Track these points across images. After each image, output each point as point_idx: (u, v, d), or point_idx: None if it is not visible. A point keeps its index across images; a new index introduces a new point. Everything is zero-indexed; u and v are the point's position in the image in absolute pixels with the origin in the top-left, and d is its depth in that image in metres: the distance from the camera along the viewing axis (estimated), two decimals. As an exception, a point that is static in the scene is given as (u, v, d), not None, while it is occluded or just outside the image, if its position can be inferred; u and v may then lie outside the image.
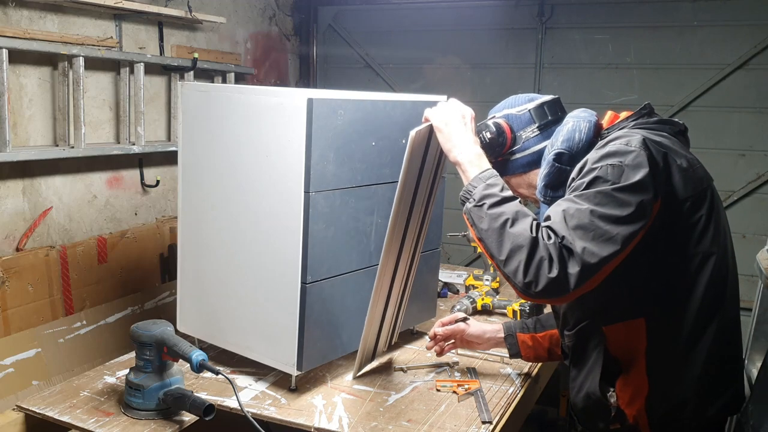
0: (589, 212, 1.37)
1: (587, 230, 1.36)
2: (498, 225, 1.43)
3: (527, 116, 1.69)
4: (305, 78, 4.49)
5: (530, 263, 1.36)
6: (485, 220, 1.45)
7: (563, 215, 1.39)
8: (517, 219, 1.42)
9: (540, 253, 1.36)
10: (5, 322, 2.54)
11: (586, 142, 1.57)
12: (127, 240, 3.06)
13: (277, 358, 1.99)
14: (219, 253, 2.11)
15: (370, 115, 2.01)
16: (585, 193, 1.40)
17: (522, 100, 1.73)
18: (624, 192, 1.38)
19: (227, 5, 3.72)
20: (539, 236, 1.37)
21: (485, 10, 3.97)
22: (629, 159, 1.40)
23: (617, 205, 1.37)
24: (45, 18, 2.70)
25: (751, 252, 3.03)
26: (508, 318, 2.69)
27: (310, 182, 1.86)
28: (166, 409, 1.83)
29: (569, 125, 1.59)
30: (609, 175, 1.40)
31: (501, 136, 1.68)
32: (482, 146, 1.63)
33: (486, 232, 1.45)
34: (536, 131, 1.68)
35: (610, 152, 1.43)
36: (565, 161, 1.56)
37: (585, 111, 1.64)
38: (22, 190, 2.68)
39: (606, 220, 1.37)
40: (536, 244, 1.37)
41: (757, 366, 2.58)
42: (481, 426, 1.82)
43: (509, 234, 1.40)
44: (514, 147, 1.69)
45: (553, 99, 1.72)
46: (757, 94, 3.44)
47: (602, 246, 1.36)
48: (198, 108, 2.12)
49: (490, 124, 1.69)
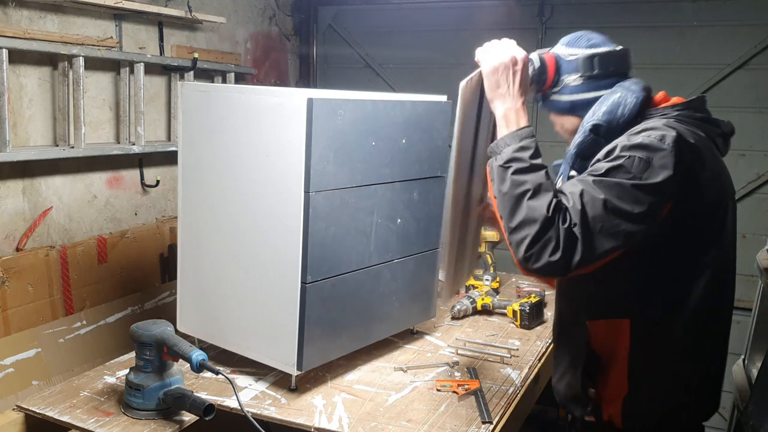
0: (603, 202, 1.38)
1: (597, 222, 1.37)
2: (518, 193, 1.42)
3: (575, 64, 1.62)
4: (305, 78, 4.49)
5: (537, 240, 1.37)
6: (507, 183, 1.45)
7: (581, 200, 1.39)
8: (539, 192, 1.41)
9: (549, 234, 1.36)
10: (5, 322, 2.54)
11: (628, 118, 1.53)
12: (127, 240, 3.06)
13: (277, 358, 1.99)
14: (219, 253, 2.11)
15: (370, 115, 2.01)
16: (605, 180, 1.40)
17: (581, 42, 1.63)
18: (642, 190, 1.38)
19: (227, 5, 3.72)
20: (556, 217, 1.37)
21: (485, 10, 3.97)
22: (657, 157, 1.39)
23: (631, 201, 1.38)
24: (45, 18, 2.70)
25: (751, 252, 3.04)
26: (508, 317, 2.69)
27: (310, 182, 1.85)
28: (166, 409, 1.83)
29: (615, 97, 1.55)
30: (633, 168, 1.39)
31: (543, 74, 1.63)
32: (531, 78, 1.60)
33: (504, 195, 1.45)
34: (579, 80, 1.62)
35: (642, 144, 1.41)
36: (602, 133, 1.53)
37: (636, 84, 1.58)
38: (22, 190, 2.68)
39: (616, 214, 1.37)
40: (549, 225, 1.37)
41: (757, 366, 2.58)
42: (481, 426, 1.82)
43: (526, 205, 1.40)
44: (555, 88, 1.65)
45: (609, 52, 1.61)
46: (757, 94, 3.44)
47: (606, 239, 1.37)
48: (198, 108, 2.12)
49: (536, 58, 1.64)
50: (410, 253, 2.28)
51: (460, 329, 2.58)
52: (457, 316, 2.69)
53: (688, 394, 1.56)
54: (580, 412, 1.63)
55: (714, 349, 1.61)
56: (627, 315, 1.52)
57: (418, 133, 2.19)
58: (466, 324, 2.64)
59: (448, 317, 2.69)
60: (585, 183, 1.42)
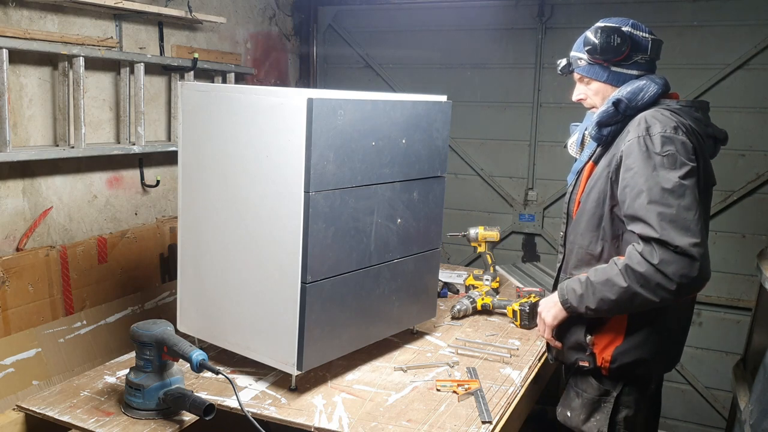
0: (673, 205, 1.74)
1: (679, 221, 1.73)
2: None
3: (645, 45, 1.89)
4: (305, 78, 4.49)
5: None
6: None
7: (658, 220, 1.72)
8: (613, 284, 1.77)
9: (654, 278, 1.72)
10: (5, 322, 2.54)
11: (646, 103, 1.83)
12: (127, 240, 3.06)
13: (277, 357, 1.99)
14: (219, 253, 2.11)
15: (370, 115, 2.01)
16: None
17: (643, 27, 1.91)
18: (687, 174, 1.75)
19: (227, 5, 3.72)
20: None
21: (485, 10, 3.97)
22: (680, 146, 1.74)
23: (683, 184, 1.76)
24: (45, 18, 2.70)
25: (751, 252, 3.04)
26: (508, 317, 2.69)
27: (310, 182, 1.86)
28: (166, 409, 1.83)
29: (641, 82, 1.85)
30: (675, 161, 1.73)
31: (623, 47, 1.85)
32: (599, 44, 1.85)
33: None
34: (643, 60, 1.89)
35: (665, 137, 1.74)
36: (621, 109, 1.82)
37: (661, 78, 1.88)
38: (22, 190, 2.68)
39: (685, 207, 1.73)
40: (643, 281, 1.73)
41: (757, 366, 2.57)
42: (481, 426, 1.82)
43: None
44: (623, 61, 1.88)
45: (661, 41, 1.91)
46: (757, 94, 3.44)
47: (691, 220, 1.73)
48: (198, 108, 2.12)
49: (626, 30, 1.86)
50: (410, 253, 2.28)
51: (460, 329, 2.58)
52: (457, 316, 2.69)
53: (666, 347, 1.91)
54: (576, 359, 1.94)
55: (688, 310, 1.99)
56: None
57: (418, 133, 2.20)
58: (466, 324, 2.64)
59: (448, 317, 2.69)
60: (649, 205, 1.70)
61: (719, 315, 3.63)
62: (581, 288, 1.81)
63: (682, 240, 1.63)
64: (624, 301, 1.73)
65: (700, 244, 1.64)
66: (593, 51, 1.87)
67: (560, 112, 3.81)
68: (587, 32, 1.91)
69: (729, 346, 3.61)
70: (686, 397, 3.76)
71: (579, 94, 1.99)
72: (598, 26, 1.90)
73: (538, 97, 3.88)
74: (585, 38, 1.91)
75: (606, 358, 1.88)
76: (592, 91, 1.95)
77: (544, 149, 3.93)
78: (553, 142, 3.88)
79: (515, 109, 3.94)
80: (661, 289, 1.66)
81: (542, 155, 3.94)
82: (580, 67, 1.96)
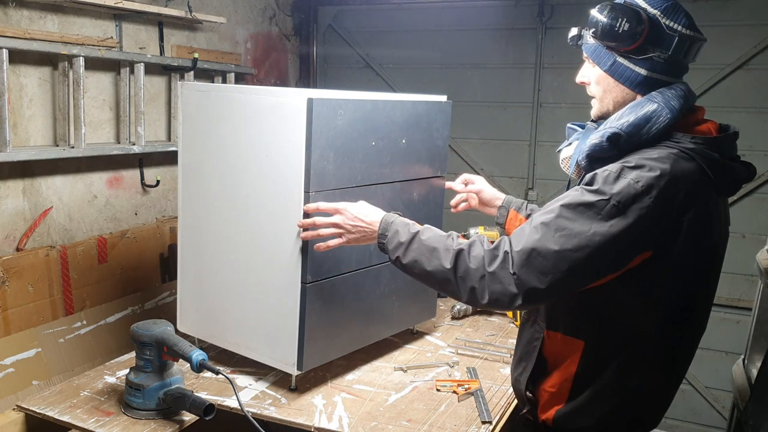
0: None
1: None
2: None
3: (669, 40, 1.40)
4: (305, 78, 4.49)
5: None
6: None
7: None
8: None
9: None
10: (5, 322, 2.54)
11: (652, 137, 1.38)
12: (127, 240, 3.06)
13: (277, 357, 1.99)
14: (219, 253, 2.11)
15: (370, 115, 2.01)
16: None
17: (680, 17, 1.42)
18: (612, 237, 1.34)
19: (227, 5, 3.72)
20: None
21: (485, 10, 3.97)
22: (635, 207, 1.31)
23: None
24: (45, 18, 2.70)
25: (751, 252, 3.03)
26: (507, 317, 2.69)
27: (310, 182, 1.86)
28: (166, 409, 1.83)
29: (650, 108, 1.38)
30: (604, 211, 1.33)
31: (636, 36, 1.39)
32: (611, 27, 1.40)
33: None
34: (661, 59, 1.41)
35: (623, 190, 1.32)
36: (620, 144, 1.39)
37: (678, 99, 1.39)
38: (22, 190, 2.68)
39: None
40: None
41: (757, 366, 2.57)
42: (481, 426, 1.82)
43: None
44: (633, 54, 1.43)
45: (702, 42, 1.44)
46: (757, 94, 3.44)
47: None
48: (198, 108, 2.12)
49: (651, 14, 1.41)
50: (410, 253, 2.27)
51: (460, 329, 2.58)
52: (457, 316, 2.69)
53: (635, 412, 1.51)
54: (520, 407, 1.64)
55: (666, 382, 1.53)
56: (583, 337, 1.48)
57: (418, 133, 2.20)
58: (466, 324, 2.64)
59: (448, 317, 2.69)
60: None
61: (719, 315, 3.63)
62: (407, 236, 1.56)
63: (529, 279, 1.34)
64: (436, 280, 1.48)
65: (541, 294, 1.35)
66: (595, 31, 1.44)
67: (560, 112, 3.81)
68: (599, 6, 1.46)
69: (729, 346, 3.61)
70: (686, 397, 3.76)
71: (582, 76, 1.57)
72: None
73: (538, 97, 3.88)
74: (592, 13, 1.46)
75: (549, 417, 1.54)
76: (594, 78, 1.52)
77: (544, 149, 3.93)
78: (553, 142, 3.87)
79: (515, 108, 3.94)
80: (472, 295, 1.42)
81: (542, 155, 3.94)
82: (586, 44, 1.52)
